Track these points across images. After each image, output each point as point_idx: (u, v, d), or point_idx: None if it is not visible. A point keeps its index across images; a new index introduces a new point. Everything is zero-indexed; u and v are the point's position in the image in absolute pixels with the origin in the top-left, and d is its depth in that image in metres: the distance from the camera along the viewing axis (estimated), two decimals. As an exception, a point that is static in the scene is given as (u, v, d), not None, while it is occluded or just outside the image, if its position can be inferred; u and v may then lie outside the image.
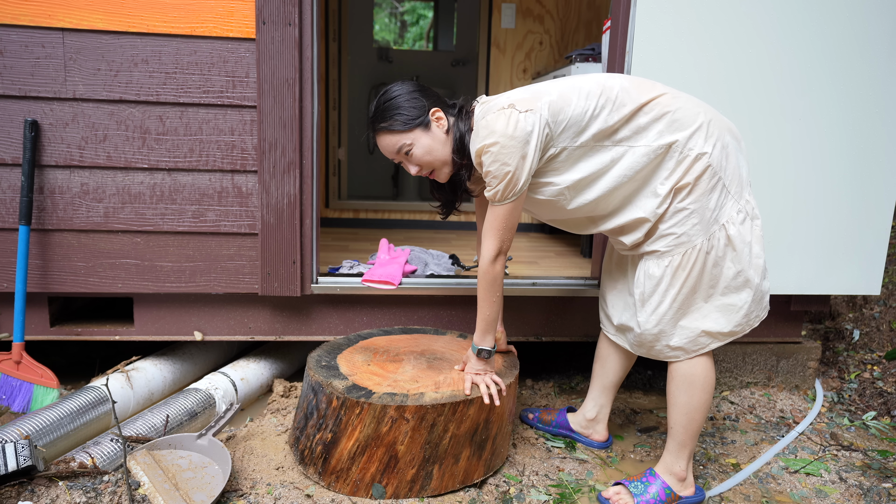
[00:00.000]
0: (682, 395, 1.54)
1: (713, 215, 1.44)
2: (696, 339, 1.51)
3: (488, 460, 1.62)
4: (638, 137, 1.44)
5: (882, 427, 2.07)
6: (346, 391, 1.52)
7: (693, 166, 1.42)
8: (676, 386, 1.55)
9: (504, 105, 1.41)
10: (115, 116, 1.88)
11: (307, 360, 1.72)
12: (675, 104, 1.45)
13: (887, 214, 2.14)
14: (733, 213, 1.44)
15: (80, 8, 1.81)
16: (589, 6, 3.61)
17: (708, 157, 1.41)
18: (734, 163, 1.45)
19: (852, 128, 2.07)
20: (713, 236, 1.44)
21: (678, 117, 1.43)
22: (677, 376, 1.55)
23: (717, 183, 1.43)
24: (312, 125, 1.95)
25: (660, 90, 1.47)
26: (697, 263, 1.45)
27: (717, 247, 1.44)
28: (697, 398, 1.53)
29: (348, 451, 1.52)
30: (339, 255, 2.61)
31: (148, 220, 1.94)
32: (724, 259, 1.45)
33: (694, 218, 1.43)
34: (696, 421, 1.53)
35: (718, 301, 1.49)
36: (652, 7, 1.93)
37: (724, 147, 1.44)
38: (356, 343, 1.87)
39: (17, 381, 1.89)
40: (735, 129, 1.50)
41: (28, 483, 1.48)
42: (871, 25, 2.00)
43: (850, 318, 2.74)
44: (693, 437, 1.55)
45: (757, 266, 1.47)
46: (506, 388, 1.59)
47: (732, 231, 1.44)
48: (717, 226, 1.44)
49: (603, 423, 1.86)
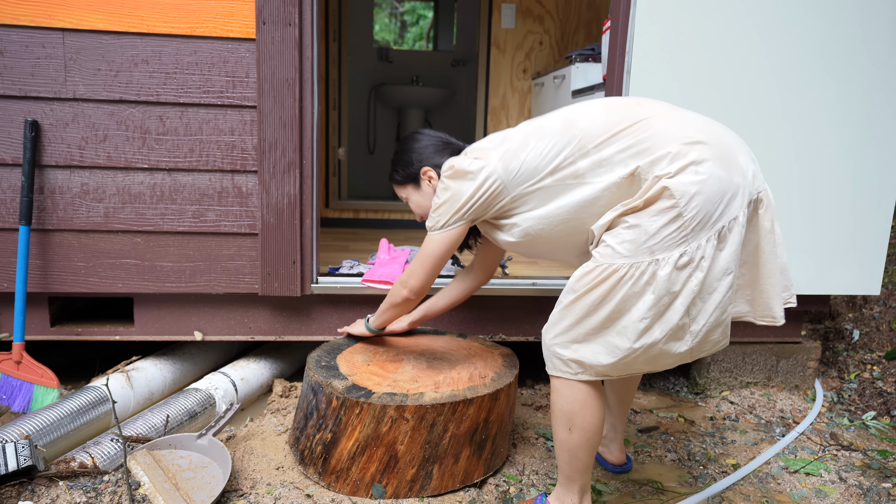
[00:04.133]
0: (560, 430, 1.35)
1: (648, 243, 1.21)
2: (567, 361, 1.31)
3: (488, 460, 1.62)
4: (601, 172, 1.27)
5: (882, 427, 2.07)
6: (346, 391, 1.52)
7: (651, 188, 1.21)
8: (553, 413, 1.37)
9: (467, 150, 1.48)
10: (116, 116, 1.88)
11: (307, 360, 1.72)
12: (649, 131, 1.25)
13: (887, 214, 2.14)
14: (675, 252, 1.20)
15: (81, 8, 1.81)
16: (589, 6, 3.61)
17: (668, 178, 1.19)
18: (707, 196, 1.19)
19: (852, 128, 2.07)
20: (635, 267, 1.22)
21: (648, 145, 1.24)
22: (553, 399, 1.36)
23: (669, 208, 1.19)
24: (312, 125, 1.95)
25: (641, 115, 1.28)
26: (603, 287, 1.24)
27: (634, 281, 1.22)
28: (577, 436, 1.33)
29: (348, 451, 1.52)
30: (339, 255, 2.61)
31: (148, 220, 1.95)
32: (637, 298, 1.23)
33: (628, 234, 1.23)
34: (579, 459, 1.35)
35: (607, 338, 1.28)
36: (652, 7, 1.93)
37: (699, 173, 1.19)
38: (356, 343, 1.87)
39: (17, 381, 1.89)
40: (738, 161, 1.23)
41: (28, 483, 1.48)
42: (872, 25, 2.00)
43: (849, 318, 2.74)
44: (582, 471, 1.37)
45: (668, 323, 1.23)
46: (506, 388, 1.59)
47: (661, 273, 1.20)
48: (648, 257, 1.21)
49: (617, 444, 1.72)
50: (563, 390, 1.33)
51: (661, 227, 1.20)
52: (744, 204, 1.22)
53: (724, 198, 1.20)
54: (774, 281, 1.32)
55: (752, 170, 1.26)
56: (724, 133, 1.28)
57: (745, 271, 1.35)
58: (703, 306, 1.24)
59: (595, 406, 1.33)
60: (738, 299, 1.37)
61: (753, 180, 1.25)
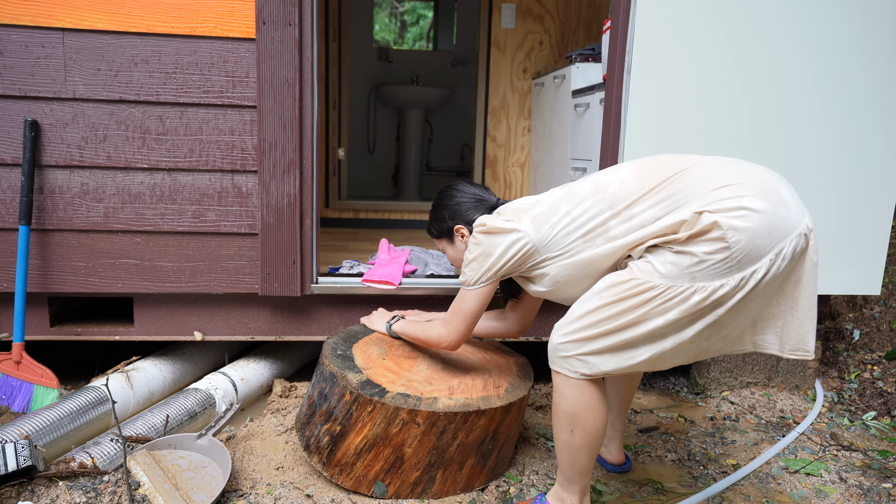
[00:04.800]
0: (562, 431, 1.35)
1: (691, 270, 1.21)
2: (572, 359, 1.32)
3: (492, 469, 1.62)
4: (632, 228, 1.28)
5: (882, 427, 2.07)
6: (360, 387, 1.50)
7: (696, 223, 1.20)
8: (554, 413, 1.37)
9: (500, 210, 1.51)
10: (115, 116, 1.88)
11: (323, 346, 1.70)
12: (680, 184, 1.25)
13: (887, 214, 2.14)
14: (715, 283, 1.21)
15: (80, 8, 1.81)
16: (589, 6, 3.61)
17: (711, 214, 1.19)
18: (755, 231, 1.18)
19: (852, 127, 2.07)
20: (673, 290, 1.22)
21: (680, 198, 1.24)
22: (555, 399, 1.37)
23: (716, 240, 1.19)
24: (312, 125, 1.95)
25: (670, 171, 1.27)
26: (632, 300, 1.25)
27: (666, 300, 1.23)
28: (578, 438, 1.33)
29: (355, 446, 1.52)
30: (339, 255, 2.61)
31: (148, 220, 1.94)
32: (660, 315, 1.24)
33: (672, 257, 1.23)
34: (580, 460, 1.36)
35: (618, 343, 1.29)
36: (652, 7, 1.93)
37: (743, 207, 1.18)
38: (372, 332, 1.86)
39: (17, 381, 1.89)
40: (781, 194, 1.22)
41: (28, 483, 1.48)
42: (871, 25, 2.00)
43: (850, 318, 2.74)
44: (582, 473, 1.37)
45: (682, 337, 1.25)
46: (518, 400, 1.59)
47: (695, 299, 1.21)
48: (687, 283, 1.22)
49: (616, 443, 1.72)
50: (566, 391, 1.33)
51: (707, 255, 1.20)
52: (792, 237, 1.20)
53: (771, 230, 1.18)
54: (813, 314, 1.29)
55: (797, 202, 1.24)
56: (759, 171, 1.26)
57: (780, 301, 1.29)
58: (720, 328, 1.27)
59: (598, 409, 1.33)
60: (767, 329, 1.32)
61: (801, 213, 1.23)
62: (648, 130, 2.01)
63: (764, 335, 1.33)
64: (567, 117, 2.84)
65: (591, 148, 2.50)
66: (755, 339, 1.33)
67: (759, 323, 1.32)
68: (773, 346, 1.33)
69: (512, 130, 3.69)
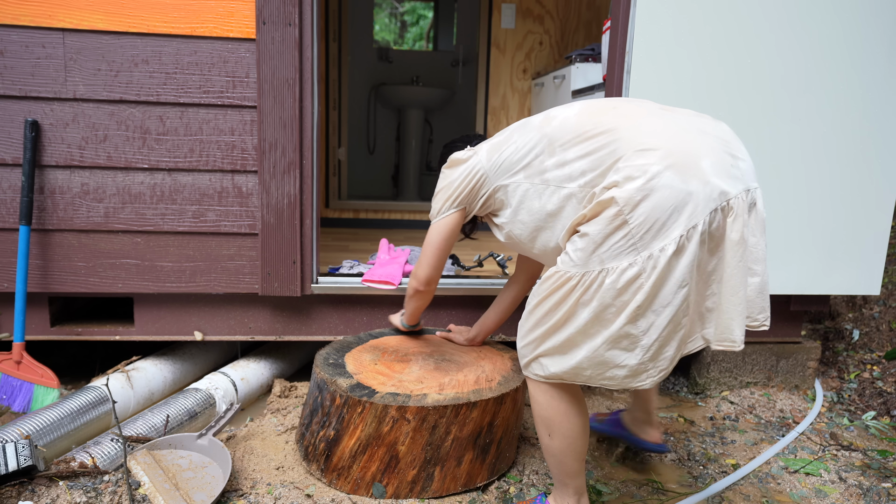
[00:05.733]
0: (542, 435, 1.36)
1: (597, 252, 1.17)
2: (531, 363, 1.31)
3: (493, 464, 1.61)
4: (561, 177, 1.28)
5: (882, 427, 2.07)
6: (350, 389, 1.52)
7: (597, 197, 1.19)
8: (533, 416, 1.37)
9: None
10: (116, 116, 1.88)
11: (315, 357, 1.73)
12: (612, 137, 1.22)
13: (887, 214, 2.14)
14: (623, 262, 1.15)
15: (81, 8, 1.81)
16: (589, 6, 3.61)
17: (614, 188, 1.16)
18: (655, 203, 1.13)
19: (852, 127, 2.07)
20: (587, 276, 1.19)
21: (606, 153, 1.22)
22: (531, 403, 1.36)
23: (614, 216, 1.15)
24: (312, 125, 1.95)
25: (610, 122, 1.24)
26: (557, 294, 1.23)
27: (584, 289, 1.19)
28: (558, 442, 1.33)
29: (350, 449, 1.52)
30: (339, 255, 2.61)
31: (148, 220, 1.95)
32: (585, 305, 1.20)
33: (580, 242, 1.20)
34: (566, 464, 1.34)
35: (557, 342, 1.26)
36: (652, 7, 1.93)
37: (644, 179, 1.14)
38: (366, 342, 1.88)
39: (17, 381, 1.89)
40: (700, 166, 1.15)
41: (28, 483, 1.48)
42: (871, 26, 2.00)
43: (849, 318, 2.74)
44: (573, 475, 1.36)
45: (610, 329, 1.18)
46: (512, 392, 1.59)
47: (608, 281, 1.16)
48: (598, 266, 1.18)
49: (650, 424, 1.70)
50: (538, 396, 1.33)
51: (607, 235, 1.16)
52: (704, 212, 1.13)
53: (676, 205, 1.12)
54: (738, 299, 1.19)
55: (723, 175, 1.16)
56: (691, 137, 1.19)
57: (715, 289, 1.22)
58: (656, 320, 1.17)
59: (572, 413, 1.31)
60: (709, 321, 1.25)
61: (722, 185, 1.15)
62: (648, 130, 2.01)
63: (709, 328, 1.25)
64: (567, 117, 2.84)
65: (590, 148, 2.50)
66: (704, 334, 1.25)
67: (705, 316, 1.24)
68: (711, 338, 1.25)
69: (512, 130, 3.68)
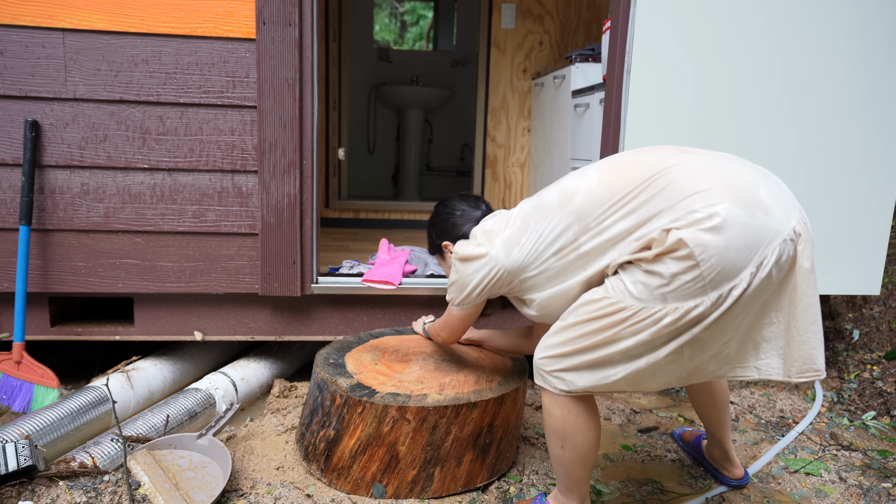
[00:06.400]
0: (553, 445, 1.34)
1: (661, 290, 1.13)
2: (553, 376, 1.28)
3: (493, 464, 1.61)
4: (609, 251, 1.21)
5: (882, 427, 2.07)
6: (350, 389, 1.52)
7: (663, 242, 1.12)
8: (545, 427, 1.35)
9: (475, 231, 1.49)
10: (116, 117, 1.88)
11: (315, 357, 1.73)
12: (651, 192, 1.15)
13: (887, 214, 2.14)
14: (689, 303, 1.12)
15: (81, 8, 1.81)
16: (589, 6, 3.61)
17: (678, 230, 1.10)
18: (727, 243, 1.07)
19: (852, 127, 2.07)
20: (644, 311, 1.15)
21: (653, 212, 1.16)
22: (544, 415, 1.34)
23: (684, 258, 1.10)
24: (312, 125, 1.95)
25: (639, 179, 1.18)
26: (605, 320, 1.19)
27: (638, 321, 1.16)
28: (569, 454, 1.31)
29: (350, 449, 1.52)
30: (339, 255, 2.61)
31: (148, 220, 1.95)
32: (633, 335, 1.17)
33: (642, 276, 1.15)
34: (574, 473, 1.34)
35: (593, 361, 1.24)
36: (652, 7, 1.93)
37: (713, 218, 1.08)
38: (367, 342, 1.88)
39: (17, 381, 1.89)
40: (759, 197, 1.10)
41: (28, 483, 1.48)
42: (871, 25, 2.00)
43: (849, 318, 2.74)
44: (578, 483, 1.36)
45: (656, 357, 1.17)
46: (512, 392, 1.59)
47: (667, 320, 1.13)
48: (659, 304, 1.14)
49: (730, 461, 1.66)
50: (553, 409, 1.30)
51: (675, 275, 1.10)
52: (775, 244, 1.09)
53: (747, 241, 1.07)
54: (816, 328, 1.16)
55: (782, 203, 1.12)
56: (737, 170, 1.16)
57: (778, 318, 1.18)
58: (704, 348, 1.17)
59: (586, 427, 1.29)
60: (770, 352, 1.21)
61: (786, 215, 1.11)
62: (648, 130, 2.01)
63: (767, 359, 1.22)
64: (567, 117, 2.84)
65: (591, 148, 2.51)
66: (759, 365, 1.22)
67: (761, 346, 1.21)
68: (777, 372, 1.22)
69: (512, 130, 3.69)
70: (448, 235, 1.64)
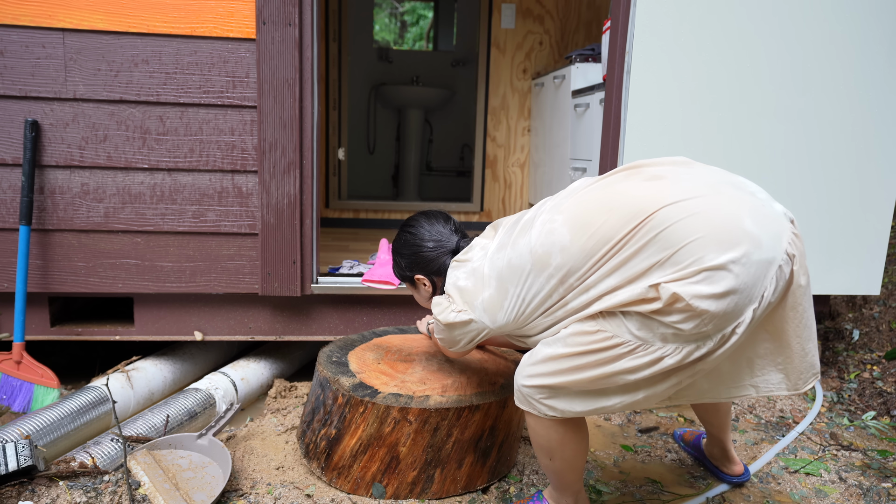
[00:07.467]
0: (541, 458, 1.34)
1: (661, 330, 1.10)
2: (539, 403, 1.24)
3: (493, 467, 1.61)
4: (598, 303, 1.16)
5: (882, 427, 2.07)
6: (352, 389, 1.52)
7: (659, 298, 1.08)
8: (532, 442, 1.33)
9: (449, 289, 1.39)
10: (116, 117, 1.88)
11: (318, 354, 1.72)
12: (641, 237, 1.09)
13: (887, 214, 2.14)
14: (692, 345, 1.10)
15: (81, 8, 1.81)
16: (589, 6, 3.61)
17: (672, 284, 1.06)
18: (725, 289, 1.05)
19: (852, 127, 2.07)
20: (643, 347, 1.12)
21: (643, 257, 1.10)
22: (529, 433, 1.32)
23: (683, 309, 1.06)
24: (312, 125, 1.95)
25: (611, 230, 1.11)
26: (600, 354, 1.15)
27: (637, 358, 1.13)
28: (559, 464, 1.31)
29: (351, 448, 1.52)
30: (339, 255, 2.61)
31: (148, 220, 1.95)
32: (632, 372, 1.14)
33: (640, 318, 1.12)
34: (566, 477, 1.34)
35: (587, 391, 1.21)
36: (652, 7, 1.93)
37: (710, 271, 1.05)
38: (370, 340, 1.87)
39: (17, 381, 1.89)
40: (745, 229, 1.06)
41: (28, 483, 1.48)
42: (871, 25, 2.00)
43: (849, 318, 2.74)
44: (571, 484, 1.36)
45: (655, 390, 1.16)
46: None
47: (669, 361, 1.11)
48: (660, 343, 1.11)
49: (729, 459, 1.67)
50: (538, 429, 1.28)
51: (676, 323, 1.08)
52: (771, 275, 1.07)
53: (747, 284, 1.05)
54: (814, 336, 1.20)
55: (767, 225, 1.08)
56: (715, 206, 1.09)
57: (775, 336, 1.18)
58: (700, 373, 1.17)
59: (575, 440, 1.28)
60: (767, 369, 1.21)
61: (775, 240, 1.08)
62: (648, 130, 2.01)
63: (765, 375, 1.21)
64: (567, 117, 2.84)
65: (591, 148, 2.51)
66: (755, 382, 1.22)
67: (755, 362, 1.20)
68: (778, 387, 1.21)
69: (512, 130, 3.69)
70: (421, 270, 1.53)
